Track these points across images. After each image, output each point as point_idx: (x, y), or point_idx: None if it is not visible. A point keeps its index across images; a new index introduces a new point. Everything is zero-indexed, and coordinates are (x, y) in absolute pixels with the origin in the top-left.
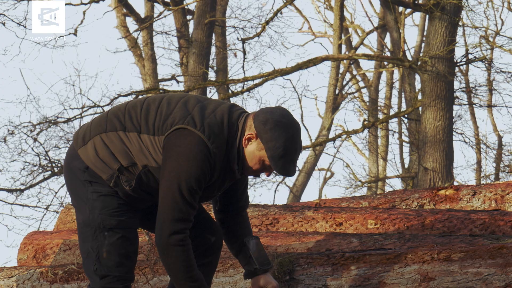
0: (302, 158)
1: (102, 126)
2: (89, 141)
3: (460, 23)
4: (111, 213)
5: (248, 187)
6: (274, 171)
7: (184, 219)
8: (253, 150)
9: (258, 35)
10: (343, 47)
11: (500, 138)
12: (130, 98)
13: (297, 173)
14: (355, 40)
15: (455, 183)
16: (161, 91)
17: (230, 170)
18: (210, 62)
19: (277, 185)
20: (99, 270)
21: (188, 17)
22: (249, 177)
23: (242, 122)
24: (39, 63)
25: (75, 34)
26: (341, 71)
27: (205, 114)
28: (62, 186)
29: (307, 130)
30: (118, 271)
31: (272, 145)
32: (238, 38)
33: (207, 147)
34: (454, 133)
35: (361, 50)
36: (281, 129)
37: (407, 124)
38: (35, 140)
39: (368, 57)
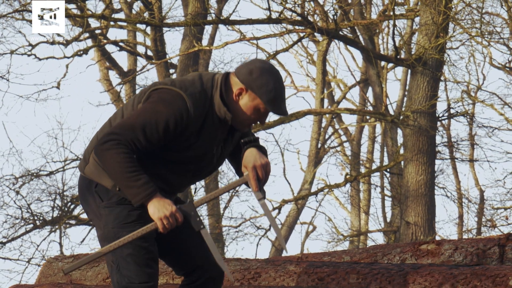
0: (284, 212)
1: (96, 139)
2: (89, 157)
3: (442, 78)
4: (123, 225)
5: (231, 240)
6: (272, 112)
7: (126, 137)
8: (246, 102)
9: None
10: (326, 101)
11: (482, 192)
12: None
13: (279, 226)
14: (337, 94)
15: (437, 238)
16: None
17: (218, 121)
18: None
19: (259, 239)
20: (121, 281)
21: (171, 70)
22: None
23: (219, 78)
24: (22, 116)
25: (58, 87)
26: (323, 125)
27: (175, 79)
28: (44, 239)
29: (289, 184)
30: (139, 279)
31: (265, 89)
32: None
33: (180, 94)
34: (436, 187)
35: (344, 104)
36: (267, 74)
37: (389, 178)
38: (17, 193)
39: (350, 111)
